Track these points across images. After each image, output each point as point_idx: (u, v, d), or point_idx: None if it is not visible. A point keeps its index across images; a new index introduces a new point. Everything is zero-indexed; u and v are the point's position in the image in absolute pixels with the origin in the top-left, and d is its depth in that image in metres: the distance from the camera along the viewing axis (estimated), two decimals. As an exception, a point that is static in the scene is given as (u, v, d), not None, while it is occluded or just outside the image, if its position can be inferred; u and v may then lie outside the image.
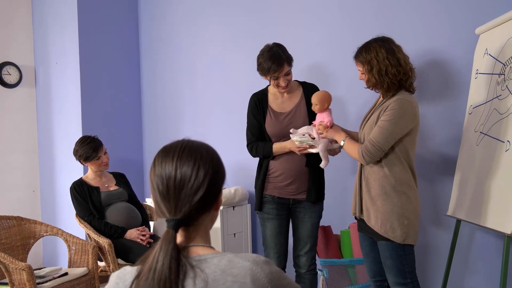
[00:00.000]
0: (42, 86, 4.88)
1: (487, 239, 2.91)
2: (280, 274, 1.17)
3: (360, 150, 2.42)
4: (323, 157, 2.72)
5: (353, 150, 2.48)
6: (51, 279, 3.19)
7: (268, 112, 2.89)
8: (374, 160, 2.40)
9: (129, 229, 3.56)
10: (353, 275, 3.09)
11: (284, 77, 2.78)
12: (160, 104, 4.83)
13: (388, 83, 2.39)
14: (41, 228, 3.59)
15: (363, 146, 2.41)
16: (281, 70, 2.75)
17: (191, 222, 1.17)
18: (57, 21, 4.68)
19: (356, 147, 2.47)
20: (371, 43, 2.44)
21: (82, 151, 3.63)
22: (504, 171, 2.33)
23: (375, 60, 2.38)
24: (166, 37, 4.73)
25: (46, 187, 4.90)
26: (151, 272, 1.09)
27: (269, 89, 2.96)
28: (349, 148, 2.53)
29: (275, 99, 2.92)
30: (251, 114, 2.94)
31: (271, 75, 2.77)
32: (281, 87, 2.82)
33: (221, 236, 3.73)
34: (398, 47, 2.43)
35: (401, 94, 2.39)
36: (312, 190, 2.84)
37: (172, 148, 1.20)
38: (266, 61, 2.75)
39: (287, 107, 2.89)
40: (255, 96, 2.96)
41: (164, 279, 1.08)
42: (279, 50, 2.79)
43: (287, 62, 2.77)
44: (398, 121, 2.34)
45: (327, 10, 3.55)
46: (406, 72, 2.40)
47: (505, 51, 2.51)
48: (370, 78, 2.43)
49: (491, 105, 2.56)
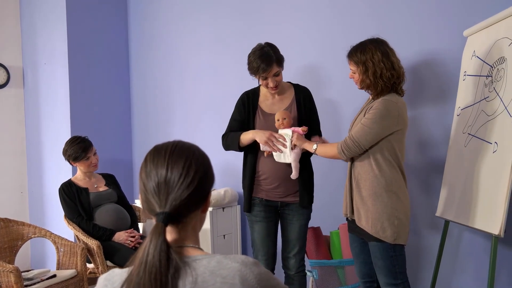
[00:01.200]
0: (31, 87, 4.85)
1: (475, 239, 2.93)
2: (269, 275, 1.17)
3: (339, 146, 2.46)
4: (295, 167, 2.73)
5: (330, 148, 2.55)
6: (39, 281, 3.17)
7: (258, 112, 2.88)
8: (352, 156, 2.46)
9: (118, 230, 3.54)
10: (342, 276, 3.09)
11: (273, 78, 2.76)
12: (149, 105, 4.81)
13: (382, 86, 2.40)
14: (29, 230, 3.56)
15: (342, 142, 2.45)
16: (269, 70, 2.73)
17: (180, 218, 1.18)
18: (46, 22, 4.65)
19: (332, 145, 2.53)
20: (367, 44, 2.45)
21: (71, 150, 3.61)
22: (492, 172, 2.34)
23: (371, 62, 2.39)
24: (156, 36, 4.72)
25: (34, 188, 4.86)
26: (142, 265, 1.10)
27: (261, 89, 2.94)
28: (324, 149, 2.59)
29: (265, 100, 2.91)
30: (237, 110, 2.93)
31: (260, 74, 2.75)
32: (270, 88, 2.80)
33: (210, 238, 3.72)
34: (391, 50, 2.45)
35: (388, 96, 2.41)
36: (304, 195, 2.83)
37: (163, 147, 1.23)
38: (256, 60, 2.73)
39: (277, 109, 2.86)
40: (246, 94, 2.95)
41: (155, 271, 1.09)
42: (270, 50, 2.77)
43: (276, 63, 2.75)
44: (380, 120, 2.35)
45: (318, 11, 3.56)
46: (399, 75, 2.42)
47: (492, 53, 2.53)
48: (365, 79, 2.43)
49: (479, 107, 2.58)
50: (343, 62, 2.66)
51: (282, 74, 2.83)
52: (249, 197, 2.89)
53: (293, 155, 2.71)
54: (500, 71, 2.44)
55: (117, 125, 4.87)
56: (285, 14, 3.75)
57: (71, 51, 4.46)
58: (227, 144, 2.92)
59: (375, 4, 3.28)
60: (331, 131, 3.33)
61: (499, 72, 2.44)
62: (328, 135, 2.98)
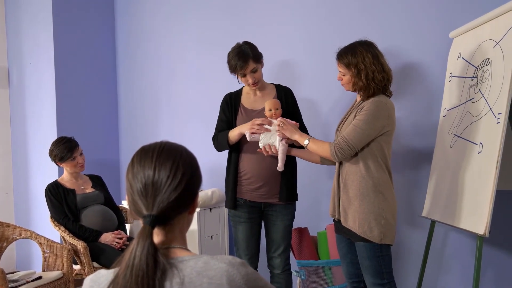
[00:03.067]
0: (16, 86, 4.80)
1: (461, 239, 2.96)
2: (256, 275, 1.17)
3: (332, 147, 2.44)
4: (281, 159, 2.74)
5: (322, 147, 2.51)
6: (25, 283, 3.14)
7: (240, 109, 2.92)
8: (345, 158, 2.44)
9: (104, 232, 3.51)
10: (329, 276, 3.10)
11: (251, 74, 2.82)
12: (136, 105, 4.79)
13: (374, 88, 2.41)
14: (14, 231, 3.53)
15: (335, 143, 2.43)
16: (246, 66, 2.79)
17: (167, 220, 1.17)
18: (32, 21, 4.61)
19: (325, 144, 2.50)
20: (357, 46, 2.45)
21: (57, 150, 3.59)
22: (477, 173, 2.37)
23: (363, 64, 2.40)
24: (143, 35, 4.70)
25: (19, 189, 4.82)
26: (129, 268, 1.10)
27: (243, 90, 3.00)
28: (316, 146, 2.54)
29: (248, 98, 2.96)
30: (222, 110, 2.98)
31: (238, 71, 2.82)
32: (250, 85, 2.86)
33: (198, 238, 3.71)
34: (380, 52, 2.46)
35: (378, 97, 2.42)
36: (284, 190, 2.84)
37: (151, 148, 1.22)
38: (233, 58, 2.81)
39: (259, 105, 2.90)
40: (229, 95, 3.01)
41: (141, 274, 1.08)
42: (248, 47, 2.84)
43: (253, 59, 2.80)
44: (373, 121, 2.36)
45: (306, 11, 3.57)
46: (389, 78, 2.44)
47: (477, 55, 2.56)
48: (357, 82, 2.44)
49: (464, 108, 2.61)
50: (324, 63, 2.66)
51: (262, 72, 2.89)
52: (234, 196, 2.89)
53: (281, 147, 2.72)
54: (485, 72, 2.46)
55: (104, 125, 4.84)
56: (273, 14, 3.76)
57: (57, 51, 4.42)
58: (218, 144, 2.93)
59: (362, 6, 3.30)
60: (317, 131, 3.34)
61: (484, 74, 2.46)
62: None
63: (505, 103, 2.21)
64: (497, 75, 2.33)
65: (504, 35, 2.32)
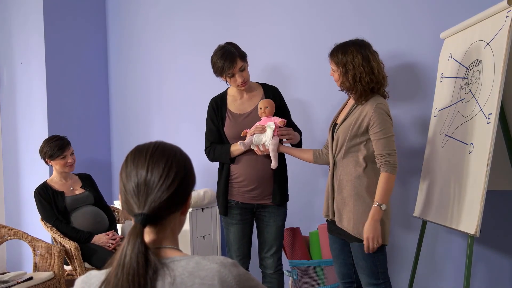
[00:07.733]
0: (7, 86, 4.77)
1: (452, 239, 2.98)
2: (248, 276, 1.17)
3: (388, 169, 2.35)
4: (274, 157, 2.74)
5: (385, 182, 2.36)
6: (15, 284, 3.11)
7: (227, 115, 2.88)
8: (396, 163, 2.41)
9: (96, 233, 3.49)
10: (321, 276, 3.11)
11: (240, 73, 2.77)
12: (128, 105, 4.77)
13: (360, 89, 2.41)
14: (5, 232, 3.50)
15: (384, 164, 2.36)
16: (234, 66, 2.74)
17: (158, 220, 1.17)
18: (22, 20, 4.58)
19: (382, 176, 2.36)
20: (349, 45, 2.45)
21: (47, 148, 3.56)
22: (468, 173, 2.38)
23: (351, 65, 2.40)
24: (135, 35, 4.69)
25: (10, 189, 4.79)
26: (120, 267, 1.09)
27: (228, 92, 2.95)
28: (382, 184, 2.37)
29: (234, 101, 2.91)
30: (209, 119, 2.93)
31: (226, 73, 2.76)
32: (239, 84, 2.80)
33: (190, 239, 3.71)
34: (373, 54, 2.45)
35: (376, 99, 2.42)
36: (277, 193, 2.84)
37: (145, 148, 1.22)
38: (219, 59, 2.76)
39: (246, 108, 2.88)
40: (214, 101, 2.94)
41: (132, 273, 1.08)
42: (231, 47, 2.80)
43: (240, 58, 2.77)
44: (389, 124, 2.40)
45: (297, 12, 3.58)
46: (378, 81, 2.44)
47: (468, 56, 2.57)
48: (344, 81, 2.45)
49: (455, 108, 2.62)
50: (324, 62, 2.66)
51: (249, 70, 2.85)
52: (225, 200, 2.88)
53: (271, 145, 2.71)
54: (475, 73, 2.48)
55: (96, 125, 4.82)
56: (265, 15, 3.76)
57: (49, 50, 4.40)
58: (214, 158, 2.90)
59: (354, 6, 3.31)
60: (309, 132, 3.35)
61: (475, 74, 2.48)
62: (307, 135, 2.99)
63: (496, 104, 2.22)
64: (487, 76, 2.34)
65: (494, 36, 2.34)
